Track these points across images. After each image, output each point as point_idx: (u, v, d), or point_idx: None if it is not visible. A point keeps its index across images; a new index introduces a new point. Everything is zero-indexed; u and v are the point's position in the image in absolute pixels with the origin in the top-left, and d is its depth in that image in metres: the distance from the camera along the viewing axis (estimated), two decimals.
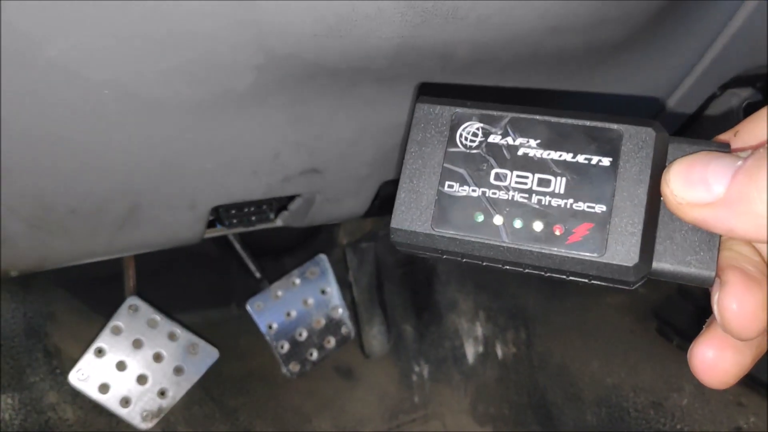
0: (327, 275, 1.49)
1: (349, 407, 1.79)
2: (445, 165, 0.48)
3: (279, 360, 1.42)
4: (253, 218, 1.03)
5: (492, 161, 0.47)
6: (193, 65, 0.66)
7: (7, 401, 1.37)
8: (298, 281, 1.46)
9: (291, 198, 1.03)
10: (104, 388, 1.22)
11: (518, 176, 0.46)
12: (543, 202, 0.45)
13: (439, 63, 0.75)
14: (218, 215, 0.99)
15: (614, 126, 0.45)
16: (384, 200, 1.07)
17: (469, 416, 1.76)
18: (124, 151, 0.73)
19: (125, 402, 1.23)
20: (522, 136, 0.47)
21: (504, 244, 0.45)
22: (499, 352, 1.76)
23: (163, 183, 0.80)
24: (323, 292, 1.49)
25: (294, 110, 0.79)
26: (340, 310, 1.50)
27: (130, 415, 1.23)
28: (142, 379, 1.26)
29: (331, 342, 1.48)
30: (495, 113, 0.48)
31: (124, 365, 1.24)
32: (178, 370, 1.29)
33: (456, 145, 0.48)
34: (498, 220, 0.46)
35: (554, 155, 0.46)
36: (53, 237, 0.79)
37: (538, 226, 0.45)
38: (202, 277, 1.76)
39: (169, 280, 1.65)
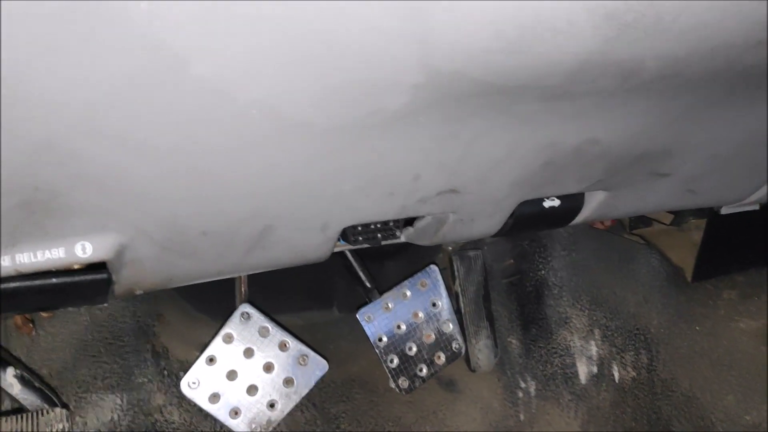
0: (438, 288, 1.41)
1: (450, 420, 1.72)
2: None
3: (388, 375, 1.36)
4: (379, 235, 0.96)
5: None
6: (348, 86, 0.59)
7: (116, 401, 1.37)
8: (408, 293, 1.39)
9: None
10: (215, 397, 1.19)
11: None
12: None
13: (618, 80, 0.65)
14: (344, 232, 0.93)
15: None
16: (519, 219, 0.98)
17: None
18: (263, 174, 0.68)
19: (234, 413, 1.20)
20: None
21: None
22: (616, 374, 1.63)
23: (298, 206, 0.75)
24: (434, 305, 1.41)
25: (444, 129, 0.71)
26: (451, 325, 1.42)
27: (239, 426, 1.20)
28: (252, 390, 1.22)
29: (441, 358, 1.41)
30: None
31: (235, 374, 1.21)
32: (288, 382, 1.25)
33: None
34: None
35: None
36: (182, 258, 0.75)
37: None
38: (303, 277, 1.72)
39: (270, 281, 1.61)
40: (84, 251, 0.67)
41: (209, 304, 1.53)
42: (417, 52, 0.55)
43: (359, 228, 0.93)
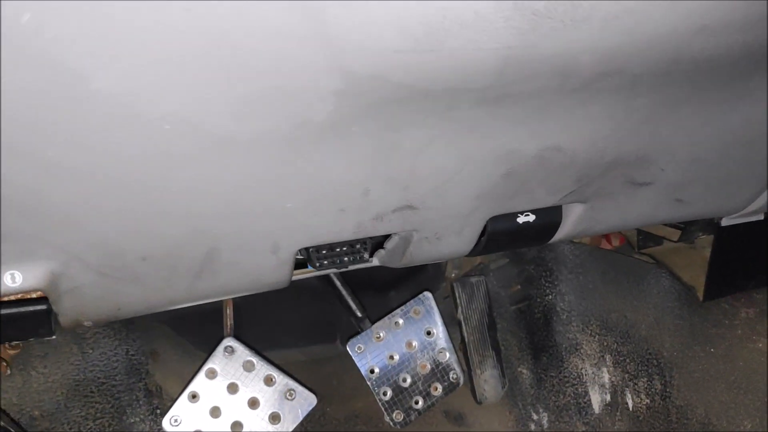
0: (432, 315, 1.36)
1: None
2: None
3: (381, 408, 1.31)
4: (346, 258, 0.93)
5: None
6: (262, 94, 0.57)
7: None
8: (401, 321, 1.34)
9: (387, 235, 0.93)
10: None
11: None
12: None
13: (555, 79, 0.62)
14: (308, 255, 0.90)
15: None
16: (492, 237, 0.94)
17: None
18: (194, 193, 0.65)
19: None
20: None
21: None
22: (630, 402, 1.55)
23: (240, 226, 0.72)
24: (428, 333, 1.36)
25: (383, 140, 0.68)
26: (448, 354, 1.37)
27: None
28: (236, 426, 1.19)
29: (438, 389, 1.35)
30: None
31: (219, 411, 1.18)
32: (274, 418, 1.21)
33: None
34: None
35: None
36: (125, 285, 0.73)
37: None
38: (305, 311, 1.69)
39: (271, 315, 1.59)
40: (14, 280, 0.66)
41: (205, 338, 1.51)
42: (325, 54, 0.53)
43: (323, 251, 0.90)
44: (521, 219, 0.93)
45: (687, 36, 0.58)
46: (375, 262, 0.99)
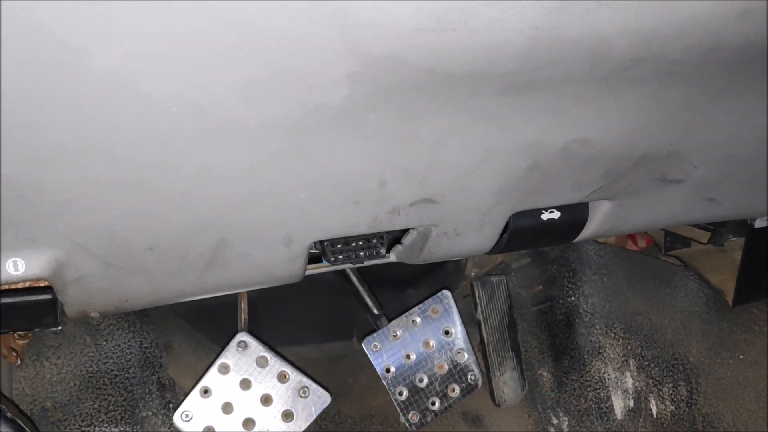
0: (451, 314, 1.33)
1: None
2: None
3: (397, 408, 1.28)
4: (362, 253, 0.90)
5: None
6: (272, 76, 0.54)
7: None
8: (418, 320, 1.31)
9: (405, 230, 0.90)
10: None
11: None
12: None
13: (585, 65, 0.58)
14: (323, 249, 0.87)
15: None
16: (514, 234, 0.90)
17: None
18: (201, 180, 0.63)
19: None
20: None
21: None
22: (654, 408, 1.50)
23: (251, 216, 0.69)
24: (447, 333, 1.33)
25: (400, 129, 0.65)
26: (466, 355, 1.33)
27: None
28: (248, 424, 1.16)
29: (456, 390, 1.32)
30: None
31: (231, 407, 1.16)
32: (287, 415, 1.18)
33: None
34: None
35: None
36: (132, 276, 0.71)
37: None
38: (320, 307, 1.67)
39: (285, 311, 1.57)
40: (16, 268, 0.64)
41: (220, 332, 1.49)
42: (338, 33, 0.50)
43: (338, 245, 0.87)
44: (545, 216, 0.89)
45: (728, 20, 0.54)
46: (392, 257, 0.96)
